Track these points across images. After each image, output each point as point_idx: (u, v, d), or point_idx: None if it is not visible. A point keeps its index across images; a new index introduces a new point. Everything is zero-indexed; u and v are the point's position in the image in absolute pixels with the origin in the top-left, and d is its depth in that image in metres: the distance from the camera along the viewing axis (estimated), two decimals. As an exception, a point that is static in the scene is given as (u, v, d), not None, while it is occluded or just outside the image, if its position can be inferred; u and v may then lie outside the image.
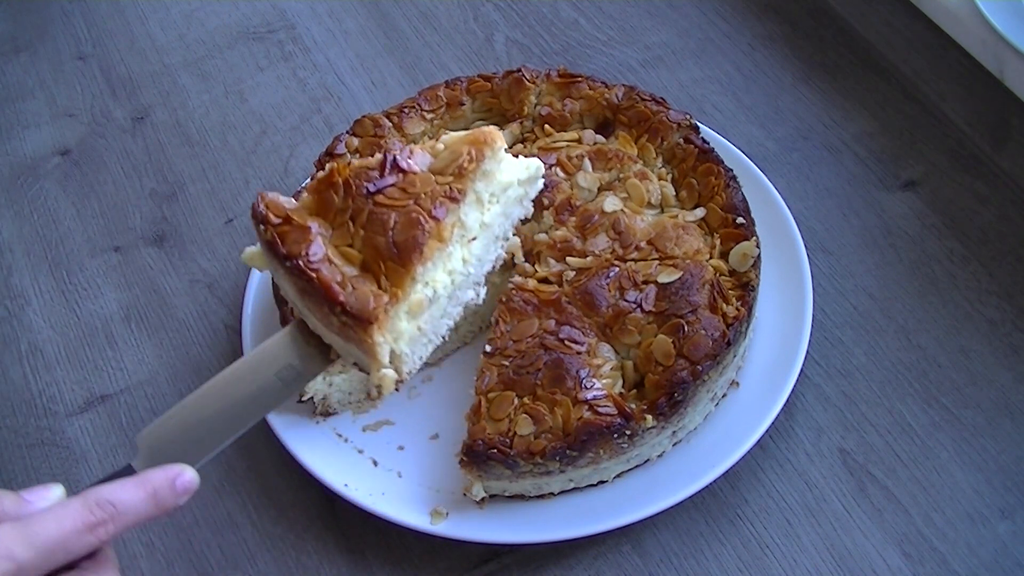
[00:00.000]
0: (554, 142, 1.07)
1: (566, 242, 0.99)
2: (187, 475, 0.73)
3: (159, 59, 1.39)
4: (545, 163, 1.04)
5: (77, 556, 0.67)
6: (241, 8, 1.44)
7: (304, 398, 0.97)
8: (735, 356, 0.95)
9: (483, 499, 0.92)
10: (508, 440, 0.88)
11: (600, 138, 1.08)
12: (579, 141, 1.07)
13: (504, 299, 0.97)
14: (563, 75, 1.11)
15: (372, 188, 0.79)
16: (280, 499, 0.99)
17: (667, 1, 1.36)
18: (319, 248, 0.77)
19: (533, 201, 0.92)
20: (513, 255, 1.00)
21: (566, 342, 0.92)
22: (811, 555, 0.90)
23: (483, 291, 0.87)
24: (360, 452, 0.98)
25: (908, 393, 0.99)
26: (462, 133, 0.85)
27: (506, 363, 0.93)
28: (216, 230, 1.21)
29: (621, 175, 1.03)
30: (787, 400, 0.94)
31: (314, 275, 0.75)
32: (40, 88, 1.38)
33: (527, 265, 1.00)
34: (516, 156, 0.89)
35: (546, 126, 1.08)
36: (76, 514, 0.66)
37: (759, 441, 0.93)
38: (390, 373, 0.78)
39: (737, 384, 0.97)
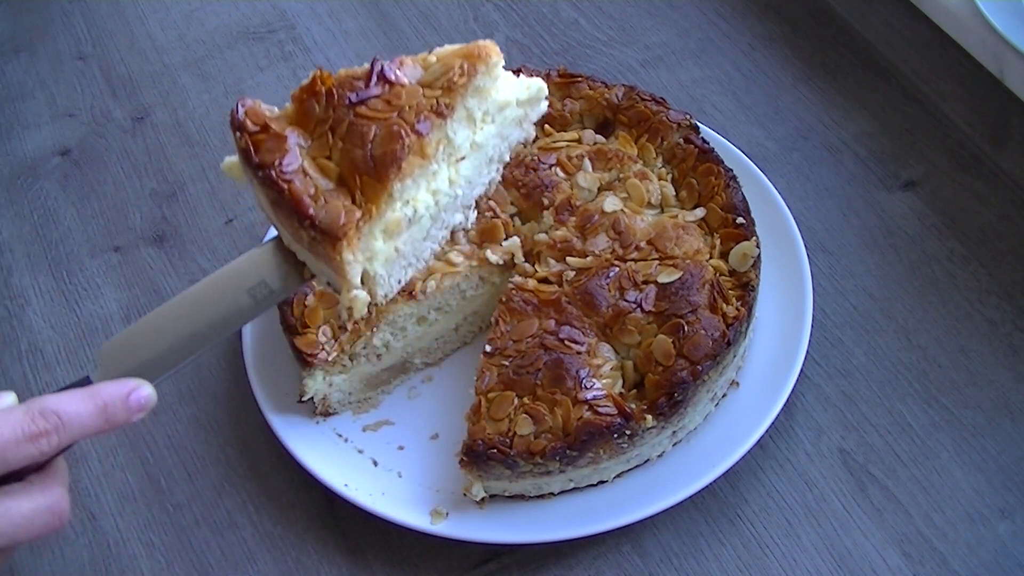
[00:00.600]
0: (554, 142, 1.07)
1: (566, 242, 0.99)
2: (143, 391, 0.68)
3: (159, 59, 1.39)
4: (545, 163, 1.05)
5: (16, 467, 0.63)
6: (241, 8, 1.44)
7: (304, 398, 0.97)
8: (735, 356, 0.95)
9: (483, 499, 0.92)
10: (508, 440, 0.88)
11: (600, 138, 1.08)
12: (579, 141, 1.07)
13: (504, 299, 0.97)
14: (563, 75, 1.11)
15: (355, 98, 0.74)
16: (280, 499, 0.99)
17: (667, 1, 1.36)
18: (294, 159, 0.72)
19: (536, 125, 0.87)
20: (513, 255, 1.01)
21: (566, 342, 0.92)
22: (811, 555, 0.90)
23: (472, 215, 0.82)
24: (360, 452, 0.98)
25: (908, 393, 0.99)
26: (456, 46, 0.78)
27: (506, 363, 0.93)
28: (216, 230, 1.21)
29: (621, 175, 1.03)
30: (787, 400, 0.94)
31: (285, 187, 0.71)
32: (40, 88, 1.38)
33: (527, 265, 1.00)
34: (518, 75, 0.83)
35: (546, 126, 1.08)
36: (17, 422, 0.63)
37: (759, 441, 0.93)
38: (362, 295, 0.74)
39: (737, 384, 0.97)
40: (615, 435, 0.87)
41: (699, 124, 1.07)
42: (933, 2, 1.24)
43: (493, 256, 1.00)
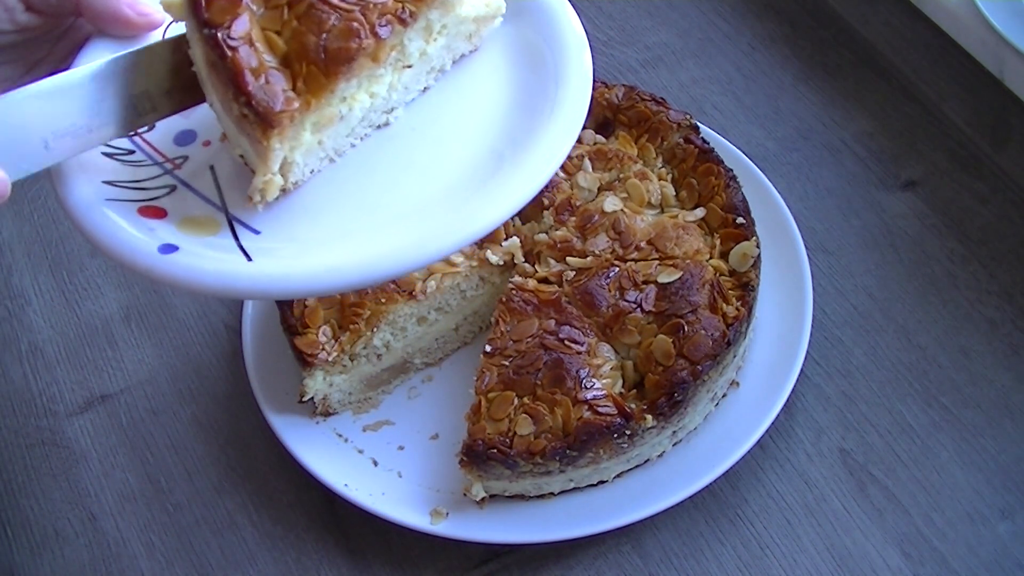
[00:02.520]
0: (554, 142, 1.06)
1: (566, 242, 0.99)
2: None
3: (159, 59, 1.39)
4: (545, 163, 1.05)
5: None
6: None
7: (304, 398, 0.97)
8: (735, 356, 0.95)
9: (483, 499, 0.92)
10: (508, 440, 0.88)
11: (600, 138, 1.08)
12: (579, 141, 1.07)
13: (504, 299, 0.97)
14: (563, 75, 1.10)
15: None
16: (280, 499, 0.99)
17: (667, 1, 1.36)
18: (244, 24, 0.68)
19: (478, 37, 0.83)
20: (513, 255, 1.01)
21: (566, 342, 0.92)
22: (811, 555, 0.90)
23: (398, 116, 0.78)
24: (360, 452, 0.98)
25: (908, 393, 0.99)
26: None
27: (506, 363, 0.93)
28: (216, 230, 1.20)
29: (621, 175, 1.03)
30: (787, 400, 0.94)
31: (229, 54, 0.67)
32: (40, 88, 1.37)
33: (527, 265, 1.00)
34: None
35: (546, 126, 1.08)
36: None
37: (759, 441, 0.93)
38: (277, 179, 0.71)
39: (737, 384, 0.97)
40: (615, 435, 0.87)
41: (699, 124, 1.07)
42: (933, 2, 1.24)
43: (493, 256, 1.00)
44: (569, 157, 1.04)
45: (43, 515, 0.99)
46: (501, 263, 1.01)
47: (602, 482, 0.93)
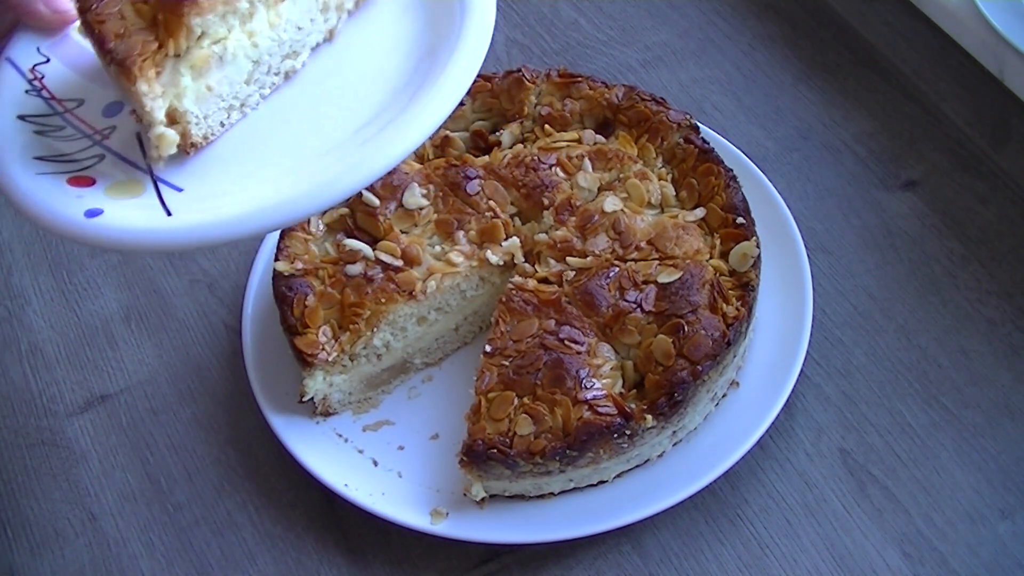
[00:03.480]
0: (554, 142, 1.07)
1: (566, 242, 0.99)
2: None
3: (159, 59, 1.39)
4: (545, 163, 1.05)
5: None
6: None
7: (304, 398, 0.97)
8: (735, 356, 0.95)
9: (483, 499, 0.92)
10: (508, 440, 0.88)
11: (600, 138, 1.08)
12: (579, 141, 1.07)
13: (504, 299, 0.97)
14: (563, 75, 1.11)
15: None
16: (280, 499, 0.99)
17: (667, 1, 1.36)
18: (114, 2, 0.74)
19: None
20: (513, 255, 1.01)
21: (566, 342, 0.92)
22: (811, 555, 0.90)
23: (304, 58, 0.81)
24: (360, 452, 0.98)
25: (908, 393, 0.99)
26: None
27: (506, 363, 0.93)
28: (216, 230, 1.20)
29: (621, 175, 1.03)
30: (787, 400, 0.94)
31: (97, 28, 0.72)
32: (40, 88, 1.37)
33: (527, 265, 1.00)
34: None
35: (546, 126, 1.08)
36: None
37: (759, 441, 0.93)
38: (169, 133, 0.73)
39: (737, 384, 0.97)
40: (615, 435, 0.87)
41: (699, 124, 1.07)
42: (933, 2, 1.24)
43: (493, 256, 1.00)
44: (569, 157, 1.05)
45: (43, 515, 0.99)
46: (501, 263, 1.01)
47: (602, 482, 0.93)
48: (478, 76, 1.12)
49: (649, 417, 0.88)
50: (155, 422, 1.05)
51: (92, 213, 0.70)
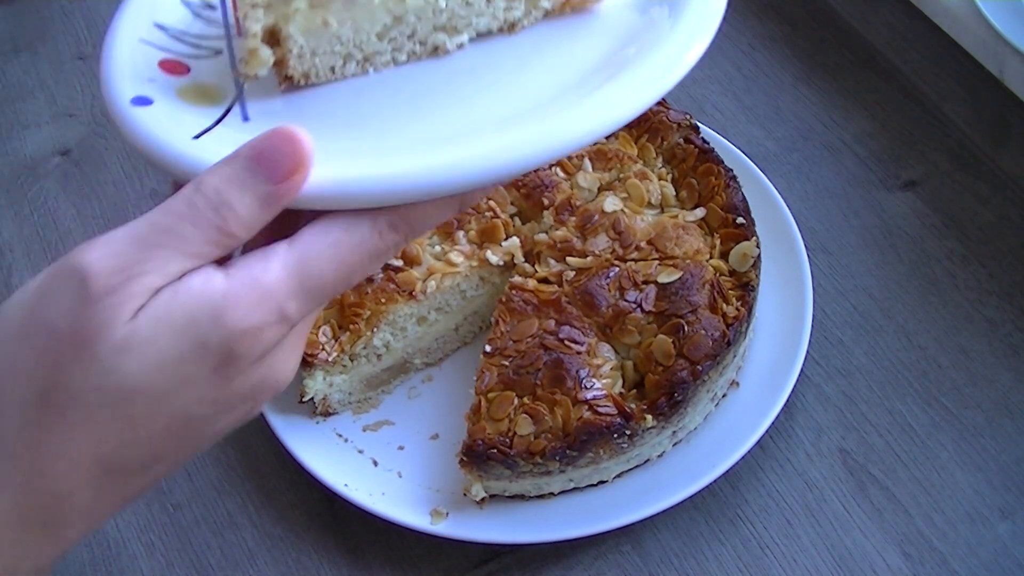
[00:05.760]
0: (554, 142, 1.06)
1: (566, 242, 0.99)
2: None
3: (159, 59, 1.39)
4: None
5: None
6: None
7: (304, 398, 0.97)
8: (735, 356, 0.95)
9: (483, 499, 0.92)
10: (508, 440, 0.88)
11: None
12: (579, 141, 1.07)
13: (504, 299, 0.97)
14: (563, 75, 1.10)
15: None
16: (280, 499, 0.99)
17: (667, 1, 1.36)
18: None
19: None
20: (513, 255, 1.01)
21: (566, 342, 0.92)
22: (811, 555, 0.90)
23: (464, 39, 0.66)
24: (360, 452, 0.98)
25: (908, 393, 0.99)
26: None
27: (506, 363, 0.93)
28: (216, 230, 1.20)
29: (621, 175, 1.03)
30: (787, 400, 0.94)
31: None
32: (40, 88, 1.38)
33: (527, 265, 1.00)
34: None
35: (546, 126, 1.08)
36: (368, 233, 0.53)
37: (759, 441, 0.93)
38: (262, 49, 0.61)
39: (737, 384, 0.97)
40: (615, 435, 0.87)
41: (699, 124, 1.07)
42: (933, 2, 1.24)
43: (493, 256, 1.00)
44: (569, 157, 1.05)
45: (43, 515, 0.99)
46: (501, 263, 1.01)
47: (602, 482, 0.93)
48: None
49: (649, 417, 0.88)
50: (155, 422, 1.05)
51: (140, 101, 0.60)
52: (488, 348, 0.94)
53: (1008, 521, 0.91)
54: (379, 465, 0.97)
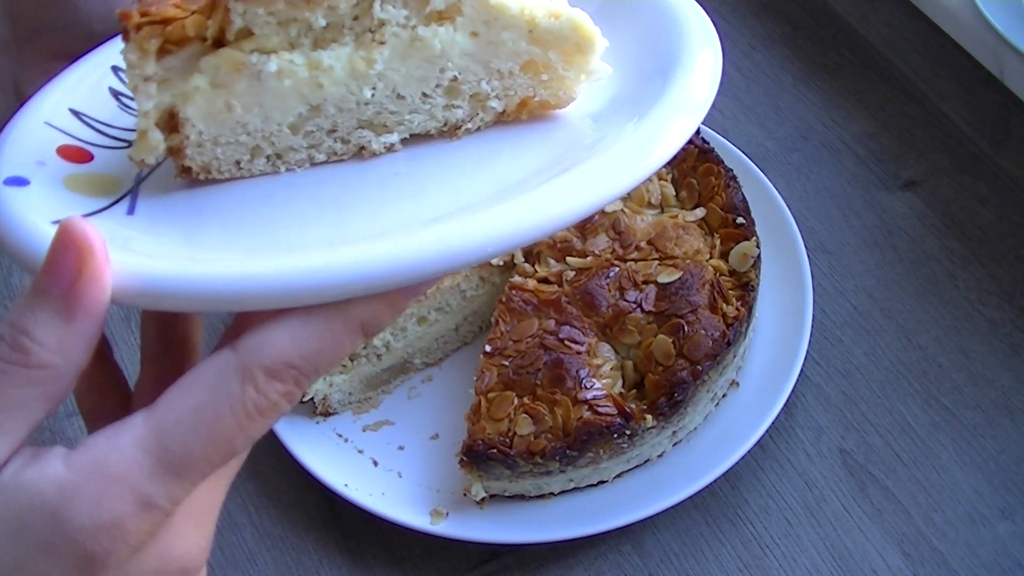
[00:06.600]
0: (554, 142, 1.07)
1: (566, 242, 0.99)
2: None
3: (159, 59, 1.39)
4: (545, 163, 1.05)
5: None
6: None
7: (304, 398, 0.97)
8: (735, 356, 0.95)
9: (483, 499, 0.92)
10: (508, 440, 0.88)
11: (600, 138, 1.08)
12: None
13: (504, 299, 0.97)
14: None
15: None
16: (280, 499, 0.99)
17: (667, 1, 1.36)
18: None
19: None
20: (513, 255, 1.01)
21: (566, 342, 0.92)
22: (811, 555, 0.90)
23: (394, 139, 0.57)
24: (360, 452, 0.98)
25: (908, 393, 0.99)
26: None
27: (506, 363, 0.93)
28: (216, 230, 1.20)
29: (621, 175, 1.03)
30: (787, 400, 0.94)
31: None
32: None
33: (527, 265, 1.00)
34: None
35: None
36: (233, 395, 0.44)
37: (759, 441, 0.93)
38: (153, 134, 0.54)
39: (737, 384, 0.97)
40: (615, 435, 0.87)
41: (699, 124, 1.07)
42: (933, 2, 1.24)
43: (493, 256, 1.00)
44: (569, 157, 1.05)
45: (43, 515, 0.99)
46: (501, 263, 1.01)
47: (602, 482, 0.93)
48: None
49: (649, 417, 0.88)
50: (155, 422, 1.05)
51: (15, 181, 0.52)
52: (488, 348, 0.94)
53: (1008, 521, 0.91)
54: (379, 465, 0.97)
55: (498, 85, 0.57)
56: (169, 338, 0.58)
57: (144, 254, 0.48)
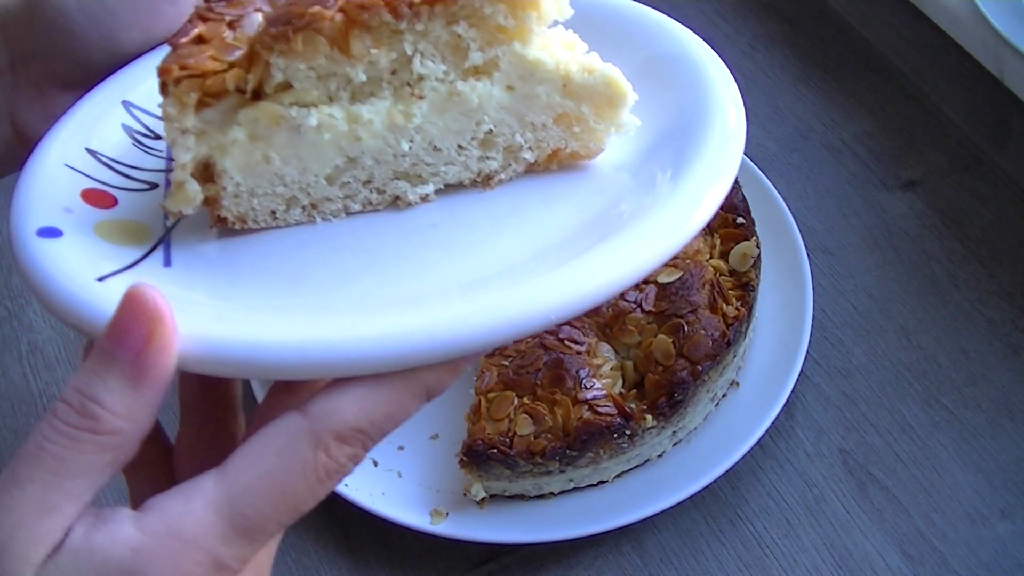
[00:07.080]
0: (554, 142, 1.07)
1: (566, 242, 0.99)
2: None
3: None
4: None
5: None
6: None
7: (304, 398, 0.97)
8: (735, 356, 0.95)
9: (483, 499, 0.92)
10: (508, 440, 0.88)
11: (600, 138, 1.08)
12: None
13: (504, 299, 0.96)
14: (563, 75, 1.10)
15: None
16: (280, 499, 0.98)
17: (667, 2, 1.36)
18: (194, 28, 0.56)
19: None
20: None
21: (566, 342, 0.92)
22: (811, 555, 0.90)
23: (430, 191, 0.58)
24: (360, 452, 0.98)
25: (908, 393, 0.99)
26: None
27: (506, 363, 0.93)
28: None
29: (621, 175, 1.03)
30: (787, 400, 0.94)
31: (192, 20, 0.57)
32: None
33: (527, 265, 1.00)
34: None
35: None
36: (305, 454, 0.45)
37: (759, 441, 0.93)
38: (190, 185, 0.54)
39: (737, 384, 0.97)
40: (615, 435, 0.87)
41: (699, 124, 1.07)
42: (933, 2, 1.24)
43: (493, 256, 1.00)
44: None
45: (43, 515, 0.99)
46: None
47: (602, 482, 0.93)
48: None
49: (649, 417, 0.88)
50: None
51: (47, 232, 0.52)
52: (488, 348, 0.94)
53: (1008, 521, 0.91)
54: (379, 465, 0.97)
55: (531, 137, 0.58)
56: (209, 393, 0.59)
57: (206, 318, 0.49)
